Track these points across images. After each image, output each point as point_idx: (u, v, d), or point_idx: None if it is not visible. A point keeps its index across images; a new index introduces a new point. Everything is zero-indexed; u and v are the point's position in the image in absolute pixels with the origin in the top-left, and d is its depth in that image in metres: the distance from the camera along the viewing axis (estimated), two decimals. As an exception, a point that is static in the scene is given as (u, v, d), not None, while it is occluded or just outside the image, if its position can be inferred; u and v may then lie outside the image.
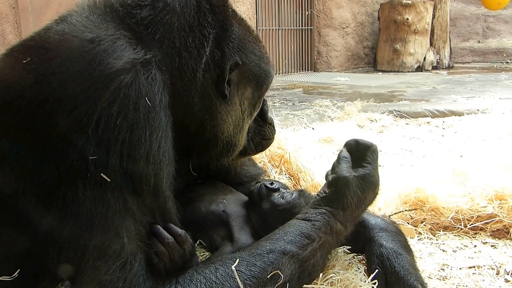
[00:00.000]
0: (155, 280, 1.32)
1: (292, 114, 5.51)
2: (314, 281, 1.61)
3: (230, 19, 1.69)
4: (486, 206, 2.24)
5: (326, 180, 1.73)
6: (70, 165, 1.22)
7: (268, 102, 2.03)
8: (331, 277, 1.63)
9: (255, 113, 1.87)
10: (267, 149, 2.42)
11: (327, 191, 1.67)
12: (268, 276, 1.41)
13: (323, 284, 1.59)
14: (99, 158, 1.23)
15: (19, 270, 1.28)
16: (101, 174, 1.23)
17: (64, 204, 1.23)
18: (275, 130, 2.07)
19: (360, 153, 1.75)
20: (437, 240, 2.19)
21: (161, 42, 1.49)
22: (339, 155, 1.74)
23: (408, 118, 5.41)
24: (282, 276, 1.43)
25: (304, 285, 1.55)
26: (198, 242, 1.86)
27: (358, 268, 1.77)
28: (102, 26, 1.39)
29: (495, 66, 12.17)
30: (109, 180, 1.24)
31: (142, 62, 1.34)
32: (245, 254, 1.46)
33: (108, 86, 1.25)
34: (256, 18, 10.25)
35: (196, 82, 1.56)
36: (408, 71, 11.11)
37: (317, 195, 1.70)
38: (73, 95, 1.24)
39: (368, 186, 1.69)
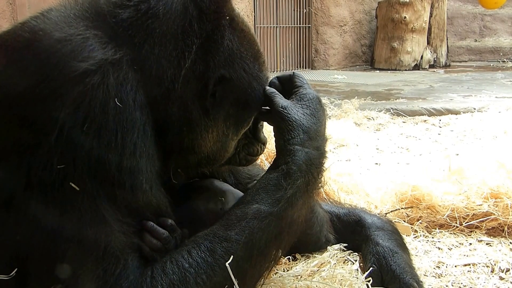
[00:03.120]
0: (140, 274, 1.29)
1: (289, 112, 5.50)
2: (309, 277, 1.62)
3: (223, 29, 1.52)
4: (481, 205, 2.26)
5: (268, 122, 1.66)
6: (37, 174, 1.19)
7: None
8: (326, 274, 1.64)
9: (242, 131, 1.68)
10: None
11: (279, 130, 1.55)
12: (241, 248, 1.34)
13: (318, 280, 1.60)
14: (67, 166, 1.19)
15: (16, 269, 1.28)
16: (70, 183, 1.19)
17: (36, 215, 1.21)
18: (264, 149, 1.87)
19: (286, 86, 1.68)
20: (432, 238, 2.21)
21: (139, 47, 1.39)
22: (265, 93, 1.62)
23: (405, 116, 5.43)
24: (256, 244, 1.37)
25: (300, 281, 1.56)
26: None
27: (353, 264, 1.79)
28: (73, 24, 1.33)
29: (491, 65, 12.18)
30: (78, 189, 1.20)
31: (111, 62, 1.27)
32: (216, 228, 1.39)
33: (73, 90, 1.20)
34: (254, 16, 10.24)
35: (175, 92, 1.44)
36: (405, 70, 11.12)
37: (275, 142, 1.59)
38: (38, 100, 1.21)
39: (312, 101, 1.60)
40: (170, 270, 1.30)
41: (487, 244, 2.15)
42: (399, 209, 2.37)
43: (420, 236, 2.21)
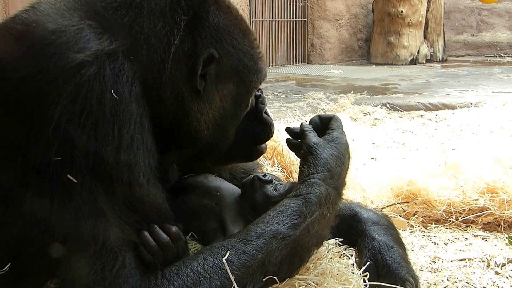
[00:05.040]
0: (140, 276, 1.29)
1: (285, 107, 5.50)
2: (306, 272, 1.62)
3: (209, 5, 1.54)
4: (477, 199, 2.26)
5: (298, 156, 1.74)
6: (34, 167, 1.19)
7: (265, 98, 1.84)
8: (322, 269, 1.63)
9: (243, 113, 1.72)
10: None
11: (306, 162, 1.64)
12: (258, 263, 1.38)
13: (315, 275, 1.59)
14: (64, 159, 1.19)
15: (9, 264, 1.27)
16: (68, 176, 1.19)
17: (33, 210, 1.20)
18: (272, 133, 1.90)
19: (324, 126, 1.76)
20: (428, 232, 2.21)
21: (130, 27, 1.40)
22: (301, 128, 1.72)
23: (401, 111, 5.42)
24: (272, 262, 1.41)
25: (296, 276, 1.55)
26: (190, 234, 1.86)
27: (349, 259, 1.78)
28: (67, 15, 1.33)
29: (488, 59, 12.20)
30: (75, 181, 1.19)
31: (107, 53, 1.27)
32: (234, 241, 1.42)
33: (69, 82, 1.20)
34: (250, 10, 10.20)
35: (166, 73, 1.44)
36: (402, 64, 11.10)
37: (299, 173, 1.66)
38: (34, 92, 1.20)
39: (341, 146, 1.68)
40: (184, 273, 1.31)
41: (483, 239, 2.15)
42: (395, 204, 2.37)
43: (416, 231, 2.21)
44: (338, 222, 1.92)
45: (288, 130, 1.78)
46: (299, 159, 1.72)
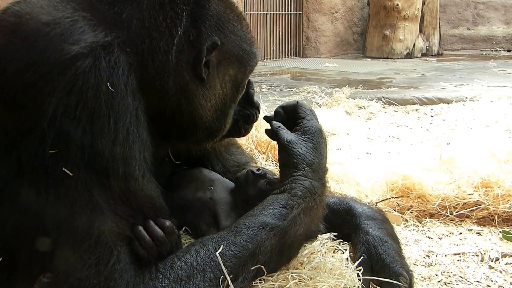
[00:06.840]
0: (135, 271, 1.29)
1: (279, 100, 5.48)
2: (300, 266, 1.61)
3: None
4: (472, 194, 2.26)
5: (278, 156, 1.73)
6: (29, 160, 1.18)
7: (254, 85, 1.92)
8: (316, 263, 1.63)
9: (239, 96, 1.75)
10: (254, 135, 2.40)
11: (284, 162, 1.65)
12: (248, 254, 1.41)
13: (308, 269, 1.59)
14: (59, 152, 1.18)
15: (1, 259, 1.25)
16: (63, 169, 1.18)
17: (28, 203, 1.19)
18: (259, 114, 1.95)
19: (291, 114, 1.76)
20: (423, 227, 2.21)
21: (128, 22, 1.40)
22: (272, 128, 1.72)
23: (396, 105, 5.42)
24: (262, 251, 1.43)
25: (290, 270, 1.55)
26: (183, 229, 1.85)
27: (343, 253, 1.78)
28: (60, 7, 1.31)
29: (484, 53, 12.21)
30: (71, 174, 1.19)
31: (102, 45, 1.26)
32: (225, 233, 1.45)
33: (64, 74, 1.19)
34: (244, 2, 10.15)
35: (169, 64, 1.46)
36: (397, 58, 11.09)
37: (280, 172, 1.69)
38: (28, 85, 1.19)
39: (315, 135, 1.68)
40: (178, 267, 1.33)
41: (477, 233, 2.15)
42: (389, 198, 2.37)
43: (411, 225, 2.21)
44: (332, 216, 1.92)
45: (266, 118, 1.79)
46: None
